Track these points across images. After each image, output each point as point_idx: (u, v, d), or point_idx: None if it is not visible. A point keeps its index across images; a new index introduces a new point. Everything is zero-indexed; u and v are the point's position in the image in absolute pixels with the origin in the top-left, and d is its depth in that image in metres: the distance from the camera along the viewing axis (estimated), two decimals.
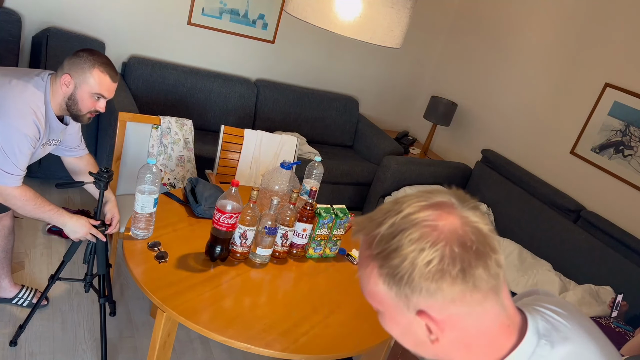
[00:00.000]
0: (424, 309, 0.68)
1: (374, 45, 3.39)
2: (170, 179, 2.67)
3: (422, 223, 0.67)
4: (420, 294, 0.67)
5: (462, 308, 0.67)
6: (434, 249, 0.65)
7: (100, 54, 1.82)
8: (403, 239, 0.67)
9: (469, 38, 4.43)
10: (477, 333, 0.70)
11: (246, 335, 1.49)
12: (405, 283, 0.67)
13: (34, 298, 2.31)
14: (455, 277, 0.65)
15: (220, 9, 3.68)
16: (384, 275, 0.68)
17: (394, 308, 0.71)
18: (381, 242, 0.69)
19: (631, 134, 3.16)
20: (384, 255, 0.68)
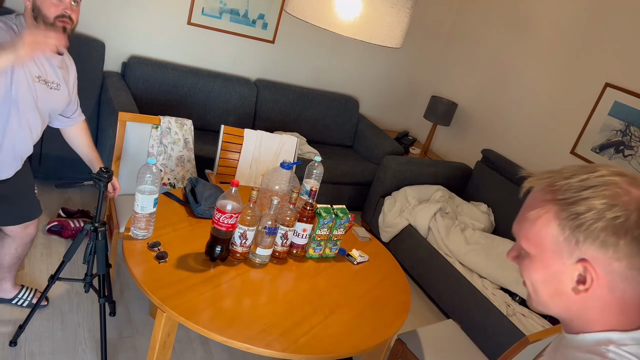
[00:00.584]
0: (589, 258, 0.72)
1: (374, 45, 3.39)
2: (170, 179, 2.67)
3: (617, 185, 0.71)
4: (593, 242, 0.71)
5: (624, 270, 0.71)
6: (624, 209, 0.70)
7: None
8: (596, 192, 0.71)
9: (469, 38, 4.42)
10: (620, 298, 0.73)
11: (246, 335, 1.49)
12: (585, 229, 0.71)
13: (33, 298, 2.31)
14: (635, 237, 0.69)
15: (220, 9, 3.68)
16: (563, 218, 0.73)
17: (552, 252, 0.75)
18: (569, 190, 0.74)
19: (631, 134, 3.16)
20: (570, 202, 0.73)
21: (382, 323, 1.75)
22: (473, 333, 2.84)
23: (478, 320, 2.82)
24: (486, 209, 3.64)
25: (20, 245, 2.11)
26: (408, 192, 3.54)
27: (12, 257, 2.13)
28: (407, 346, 2.12)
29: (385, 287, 1.97)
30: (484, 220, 3.51)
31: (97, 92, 3.22)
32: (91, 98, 3.18)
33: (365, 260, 2.11)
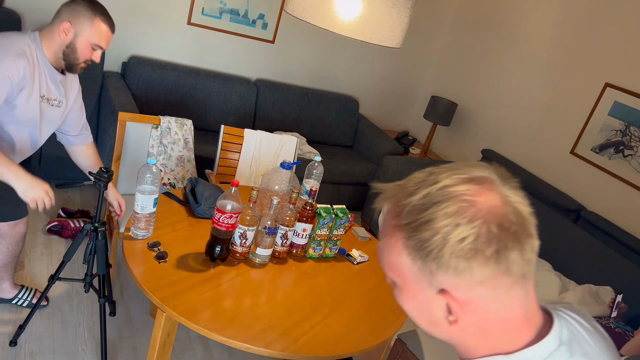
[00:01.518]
0: (447, 288, 0.64)
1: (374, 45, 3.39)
2: (170, 179, 2.67)
3: (460, 197, 0.62)
4: (447, 271, 0.63)
5: (489, 291, 0.63)
6: (471, 226, 0.61)
7: (99, 4, 1.80)
8: (437, 211, 0.62)
9: (469, 38, 4.43)
10: (497, 319, 0.66)
11: (246, 335, 1.49)
12: (434, 258, 0.63)
13: (33, 298, 2.31)
14: (488, 257, 0.61)
15: (220, 9, 3.68)
16: (411, 247, 0.64)
17: (413, 283, 0.67)
18: (412, 213, 0.64)
19: (631, 134, 3.16)
20: (414, 227, 0.64)
21: (382, 323, 1.75)
22: None
23: None
24: None
25: (12, 244, 2.10)
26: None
27: (5, 255, 2.13)
28: (407, 346, 2.12)
29: (385, 287, 1.97)
30: None
31: (97, 92, 3.22)
32: (91, 98, 3.17)
33: (365, 260, 2.11)
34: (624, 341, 2.48)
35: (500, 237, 0.61)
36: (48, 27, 1.79)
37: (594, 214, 3.23)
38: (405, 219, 0.65)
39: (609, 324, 2.62)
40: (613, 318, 2.68)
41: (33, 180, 1.71)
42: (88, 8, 1.76)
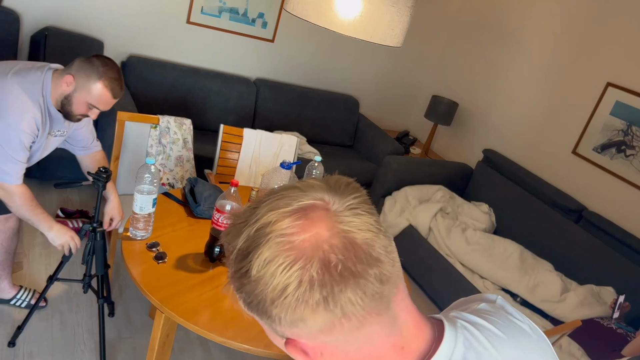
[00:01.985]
0: (291, 337, 0.58)
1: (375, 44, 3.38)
2: (169, 179, 2.66)
3: (278, 239, 0.54)
4: (280, 324, 0.56)
5: (335, 336, 0.56)
6: (289, 274, 0.53)
7: (113, 67, 1.79)
8: (254, 259, 0.54)
9: (470, 37, 4.41)
10: (360, 358, 0.59)
11: (245, 336, 1.48)
12: (260, 312, 0.56)
13: (32, 299, 2.30)
14: (315, 306, 0.53)
15: (219, 8, 3.66)
16: (242, 300, 0.58)
17: (266, 330, 0.61)
18: (235, 261, 0.57)
19: (633, 134, 3.14)
20: (238, 277, 0.57)
21: None
22: None
23: None
24: (487, 209, 3.63)
25: (5, 239, 2.09)
26: (409, 192, 3.53)
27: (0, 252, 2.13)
28: None
29: None
30: (485, 220, 3.50)
31: None
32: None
33: None
34: (626, 342, 2.47)
35: (325, 280, 0.52)
36: (60, 72, 1.80)
37: (595, 214, 3.22)
38: (232, 268, 0.58)
39: (611, 325, 2.60)
40: (615, 319, 2.67)
41: (62, 229, 1.91)
42: (96, 70, 1.75)
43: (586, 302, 2.78)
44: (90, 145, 2.13)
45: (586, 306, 2.76)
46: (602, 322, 2.64)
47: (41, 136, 1.84)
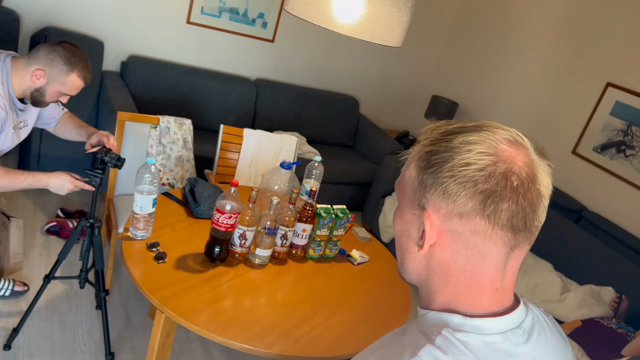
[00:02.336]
0: (429, 209, 0.64)
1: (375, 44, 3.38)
2: (169, 179, 2.65)
3: (489, 135, 0.63)
4: (436, 189, 0.63)
5: (464, 230, 0.63)
6: (480, 157, 0.61)
7: (80, 55, 1.80)
8: (462, 135, 0.64)
9: (470, 37, 4.41)
10: (463, 269, 0.65)
11: (245, 336, 1.48)
12: (433, 172, 0.64)
13: (15, 286, 2.30)
14: (477, 193, 0.61)
15: (219, 8, 3.66)
16: (422, 159, 0.66)
17: (408, 199, 0.68)
18: (442, 134, 0.66)
19: (633, 134, 3.14)
20: (434, 142, 0.66)
21: (383, 324, 1.73)
22: None
23: None
24: None
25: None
26: None
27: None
28: None
29: (385, 287, 1.96)
30: None
31: (96, 91, 3.21)
32: (90, 98, 3.16)
33: (366, 260, 2.09)
34: (626, 342, 2.47)
35: (500, 182, 0.61)
36: (23, 62, 1.78)
37: (595, 214, 3.21)
38: (432, 138, 0.66)
39: (611, 325, 2.60)
40: (615, 319, 2.67)
41: (57, 179, 1.83)
42: (67, 62, 1.76)
43: (586, 302, 2.78)
44: (58, 113, 2.10)
45: (586, 306, 2.76)
46: (602, 322, 2.64)
47: (8, 126, 1.80)
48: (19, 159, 3.17)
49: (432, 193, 0.64)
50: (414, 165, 0.67)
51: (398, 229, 0.71)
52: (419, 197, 0.66)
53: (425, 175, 0.65)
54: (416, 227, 0.67)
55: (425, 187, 0.65)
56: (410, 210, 0.68)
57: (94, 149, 1.91)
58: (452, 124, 0.67)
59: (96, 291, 2.10)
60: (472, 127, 0.65)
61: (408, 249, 0.69)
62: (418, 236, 0.67)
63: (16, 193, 3.01)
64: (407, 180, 0.68)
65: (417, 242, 0.67)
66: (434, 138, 0.66)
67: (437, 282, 0.67)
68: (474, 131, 0.64)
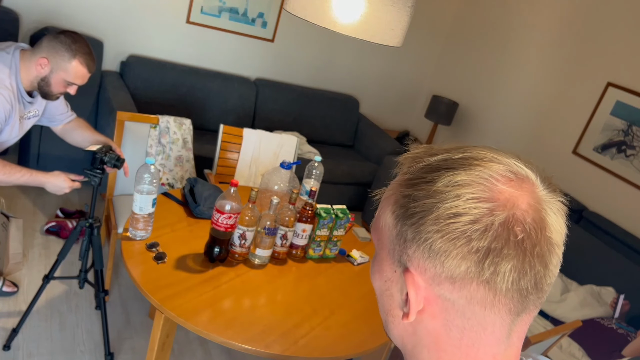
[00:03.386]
0: (413, 269, 0.52)
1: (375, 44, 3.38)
2: (169, 179, 2.65)
3: (482, 173, 0.51)
4: (419, 245, 0.51)
5: (457, 298, 0.51)
6: (472, 206, 0.49)
7: (82, 42, 1.81)
8: (445, 176, 0.51)
9: (470, 37, 4.41)
10: (458, 345, 0.52)
11: (245, 337, 1.48)
12: (413, 224, 0.51)
13: (3, 286, 2.30)
14: (471, 252, 0.49)
15: (219, 8, 3.66)
16: (399, 206, 0.54)
17: (387, 251, 0.56)
18: (421, 170, 0.54)
19: (633, 134, 3.14)
20: (414, 183, 0.53)
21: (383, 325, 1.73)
22: None
23: None
24: None
25: None
26: None
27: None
28: None
29: None
30: None
31: (96, 91, 3.21)
32: (89, 97, 3.16)
33: (366, 261, 2.09)
34: (626, 342, 2.47)
35: (500, 236, 0.48)
36: (30, 53, 1.80)
37: (595, 214, 3.21)
38: (410, 175, 0.54)
39: (611, 325, 2.60)
40: (615, 319, 2.66)
41: (55, 180, 1.84)
42: (69, 48, 1.77)
43: (586, 302, 2.77)
44: (67, 114, 2.10)
45: (586, 306, 2.76)
46: (603, 322, 2.64)
47: (14, 118, 1.82)
48: (19, 158, 3.17)
49: (414, 250, 0.52)
50: (389, 211, 0.55)
51: (378, 287, 0.59)
52: (399, 253, 0.54)
53: (404, 227, 0.53)
54: (398, 288, 0.55)
55: (406, 241, 0.53)
56: (389, 266, 0.56)
57: (93, 148, 1.90)
58: (435, 154, 0.55)
59: (96, 291, 2.10)
60: (460, 161, 0.52)
61: (391, 312, 0.58)
62: (402, 299, 0.55)
63: (16, 193, 3.01)
64: (383, 227, 0.56)
65: (401, 307, 0.55)
66: (413, 175, 0.54)
67: (427, 356, 0.55)
68: (463, 167, 0.51)
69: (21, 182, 1.82)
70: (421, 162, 0.54)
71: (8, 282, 2.34)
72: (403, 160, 0.57)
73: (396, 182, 0.56)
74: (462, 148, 0.54)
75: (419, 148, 0.57)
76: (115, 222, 2.33)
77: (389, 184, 0.58)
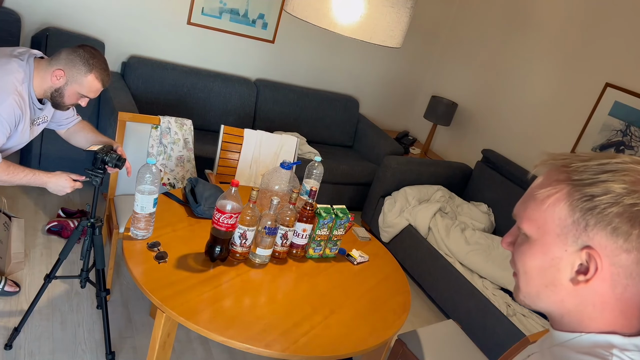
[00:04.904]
0: (595, 246, 0.66)
1: (374, 45, 3.39)
2: (170, 179, 2.66)
3: (638, 172, 0.65)
4: (603, 229, 0.65)
5: (630, 263, 0.65)
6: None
7: (99, 57, 1.84)
8: (616, 176, 0.65)
9: (469, 38, 4.42)
10: (621, 297, 0.68)
11: (246, 336, 1.49)
12: (598, 213, 0.65)
13: (6, 286, 2.31)
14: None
15: (220, 9, 3.67)
16: (575, 198, 0.67)
17: (555, 236, 0.69)
18: (586, 172, 0.67)
19: (632, 134, 3.15)
20: (585, 183, 0.67)
21: (382, 323, 1.74)
22: (473, 333, 2.84)
23: (478, 320, 2.82)
24: (486, 209, 3.64)
25: None
26: (408, 192, 3.54)
27: None
28: (407, 346, 2.12)
29: (385, 287, 1.97)
30: (484, 220, 3.50)
31: None
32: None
33: (366, 260, 2.10)
34: None
35: None
36: (45, 63, 1.82)
37: None
38: (578, 176, 0.68)
39: None
40: None
41: (58, 179, 1.87)
42: (86, 62, 1.80)
43: None
44: (73, 117, 2.12)
45: None
46: None
47: (24, 124, 1.84)
48: (21, 158, 3.18)
49: (596, 232, 0.66)
50: (561, 205, 0.68)
51: (536, 264, 0.72)
52: (576, 236, 0.67)
53: (584, 216, 0.66)
54: (569, 263, 0.69)
55: (587, 226, 0.66)
56: (559, 246, 0.69)
57: (94, 148, 1.92)
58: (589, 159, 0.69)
59: (97, 291, 2.11)
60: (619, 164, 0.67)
61: (553, 282, 0.71)
62: (572, 271, 0.69)
63: (17, 193, 3.02)
64: (549, 217, 0.70)
65: (570, 277, 0.69)
66: (581, 178, 0.68)
67: (592, 310, 0.69)
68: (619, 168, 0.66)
69: (24, 182, 1.84)
70: (580, 166, 0.68)
71: (10, 282, 2.35)
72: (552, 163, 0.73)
73: (557, 180, 0.70)
74: (605, 154, 0.70)
75: (560, 156, 0.73)
76: (116, 221, 2.35)
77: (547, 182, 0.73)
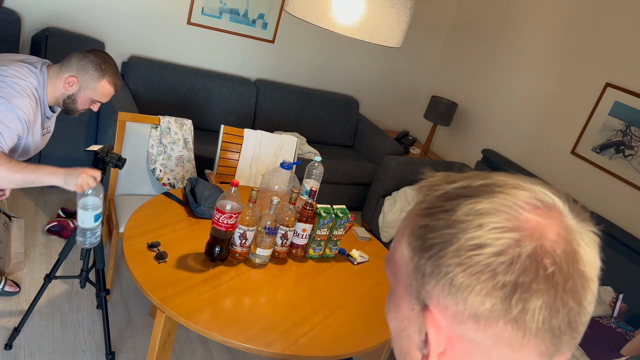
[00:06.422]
0: (432, 307, 0.47)
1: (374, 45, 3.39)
2: (170, 179, 2.66)
3: (506, 201, 0.46)
4: (439, 280, 0.46)
5: (481, 338, 0.46)
6: (497, 237, 0.44)
7: (110, 61, 1.85)
8: (466, 204, 0.47)
9: (469, 37, 4.42)
10: None
11: (246, 336, 1.49)
12: (432, 256, 0.47)
13: (6, 286, 2.32)
14: (497, 287, 0.44)
15: (220, 9, 3.67)
16: (416, 237, 0.49)
17: (404, 287, 0.51)
18: (439, 199, 0.49)
19: (632, 134, 3.15)
20: (431, 213, 0.49)
21: (383, 323, 1.74)
22: None
23: None
24: None
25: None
26: (408, 192, 3.54)
27: None
28: None
29: (385, 287, 1.97)
30: None
31: None
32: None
33: (366, 260, 2.10)
34: (625, 341, 2.48)
35: (528, 270, 0.44)
36: (56, 70, 1.81)
37: (594, 214, 3.22)
38: (428, 204, 0.50)
39: (610, 324, 2.61)
40: (614, 318, 2.67)
41: (68, 170, 1.79)
42: (99, 68, 1.80)
43: None
44: None
45: None
46: (602, 321, 2.65)
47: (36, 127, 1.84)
48: None
49: (433, 285, 0.47)
50: (405, 243, 0.51)
51: (394, 326, 0.53)
52: (417, 288, 0.49)
53: (422, 260, 0.48)
54: (417, 328, 0.50)
55: (424, 275, 0.48)
56: (407, 303, 0.51)
57: (95, 148, 1.92)
58: (453, 181, 0.50)
59: (97, 291, 2.11)
60: (480, 188, 0.48)
61: (409, 355, 0.52)
62: (421, 340, 0.50)
63: (17, 193, 3.02)
64: (399, 261, 0.51)
65: (420, 348, 0.50)
66: (430, 204, 0.50)
67: None
68: (484, 194, 0.47)
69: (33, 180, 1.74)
70: (438, 190, 0.50)
71: (10, 282, 2.35)
72: (419, 189, 0.53)
73: (412, 211, 0.52)
74: (481, 175, 0.50)
75: (436, 176, 0.53)
76: (116, 221, 2.35)
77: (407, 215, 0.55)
